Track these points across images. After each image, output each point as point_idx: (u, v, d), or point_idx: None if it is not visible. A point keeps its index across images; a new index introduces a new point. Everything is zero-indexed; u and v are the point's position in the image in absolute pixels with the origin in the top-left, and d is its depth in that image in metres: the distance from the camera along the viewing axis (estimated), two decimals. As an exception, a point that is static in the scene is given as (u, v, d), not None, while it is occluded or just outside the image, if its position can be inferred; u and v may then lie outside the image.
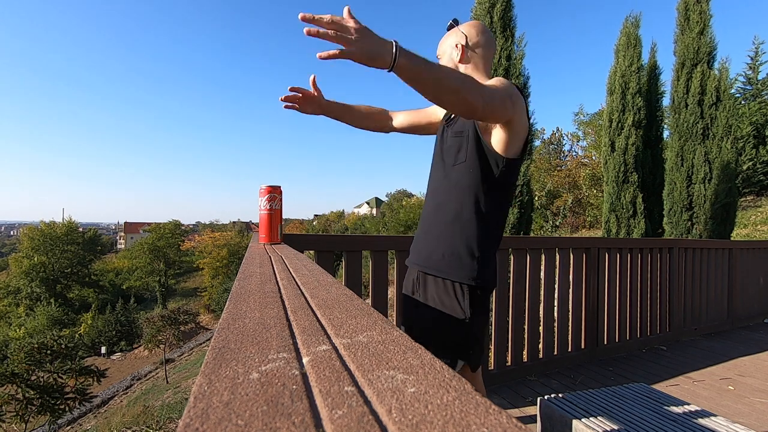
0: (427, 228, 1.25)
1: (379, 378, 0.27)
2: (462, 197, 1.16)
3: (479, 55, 1.26)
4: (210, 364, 0.30)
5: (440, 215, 1.21)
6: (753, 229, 10.10)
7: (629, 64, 5.59)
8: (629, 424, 1.43)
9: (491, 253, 1.19)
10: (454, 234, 1.17)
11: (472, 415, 0.22)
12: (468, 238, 1.15)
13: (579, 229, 14.10)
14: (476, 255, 1.15)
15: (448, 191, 1.20)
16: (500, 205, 1.20)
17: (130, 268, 36.76)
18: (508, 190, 1.21)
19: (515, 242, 2.82)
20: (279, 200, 1.65)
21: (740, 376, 2.84)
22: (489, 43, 1.27)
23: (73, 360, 8.82)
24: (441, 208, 1.21)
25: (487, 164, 1.14)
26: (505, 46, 4.32)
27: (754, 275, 4.61)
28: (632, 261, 3.38)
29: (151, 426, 4.71)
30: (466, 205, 1.16)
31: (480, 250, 1.16)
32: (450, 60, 1.26)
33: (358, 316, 0.45)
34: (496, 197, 1.18)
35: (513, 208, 4.11)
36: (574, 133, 19.03)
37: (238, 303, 0.51)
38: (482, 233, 1.16)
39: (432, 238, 1.23)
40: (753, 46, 15.30)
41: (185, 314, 16.20)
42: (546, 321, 2.83)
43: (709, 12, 5.45)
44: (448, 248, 1.18)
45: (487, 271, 1.17)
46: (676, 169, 5.49)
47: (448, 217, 1.18)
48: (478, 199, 1.15)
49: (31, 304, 30.55)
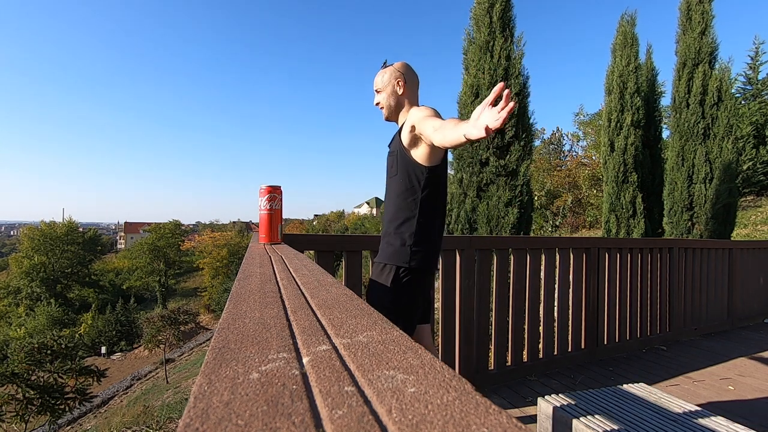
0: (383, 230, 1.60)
1: (379, 378, 0.27)
2: (398, 201, 1.50)
3: (411, 89, 1.61)
4: (210, 364, 0.30)
5: (386, 218, 1.57)
6: (753, 229, 10.10)
7: (627, 63, 5.58)
8: (629, 424, 1.43)
9: (424, 243, 1.50)
10: (394, 231, 1.51)
11: (472, 415, 0.22)
12: (402, 233, 1.49)
13: (579, 229, 14.10)
14: (407, 244, 1.48)
15: (389, 199, 1.56)
16: (430, 202, 1.49)
17: (130, 268, 36.74)
18: (437, 189, 1.51)
19: (515, 242, 2.82)
20: (279, 200, 1.65)
21: (740, 376, 2.84)
22: (416, 78, 1.64)
23: (73, 360, 8.81)
24: (387, 212, 1.57)
25: (414, 174, 1.47)
26: (504, 46, 4.31)
27: (754, 275, 4.61)
28: (632, 261, 3.38)
29: (151, 426, 4.71)
30: (401, 208, 1.50)
31: (412, 240, 1.48)
32: (393, 92, 1.58)
33: (358, 316, 0.45)
34: (425, 197, 1.48)
35: (513, 208, 4.11)
36: (574, 133, 19.04)
37: (238, 303, 0.51)
38: (415, 228, 1.48)
39: (383, 237, 1.58)
40: (753, 46, 15.32)
41: (185, 314, 16.19)
42: (546, 321, 2.83)
43: (711, 12, 5.46)
44: (387, 242, 1.53)
45: (416, 257, 1.48)
46: (677, 169, 5.49)
47: (389, 218, 1.54)
48: (408, 202, 1.48)
49: (31, 304, 30.54)
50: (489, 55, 4.35)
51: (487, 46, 4.38)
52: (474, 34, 4.56)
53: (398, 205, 1.51)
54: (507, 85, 4.27)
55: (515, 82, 4.28)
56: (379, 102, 1.60)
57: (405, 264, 1.48)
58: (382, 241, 1.58)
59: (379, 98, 1.60)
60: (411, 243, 1.48)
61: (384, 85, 1.59)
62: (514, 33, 4.43)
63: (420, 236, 1.49)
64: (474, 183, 4.30)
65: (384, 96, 1.59)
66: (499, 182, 4.19)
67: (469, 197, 4.31)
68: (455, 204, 4.43)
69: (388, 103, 1.59)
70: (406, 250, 1.48)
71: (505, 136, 4.25)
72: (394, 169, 1.52)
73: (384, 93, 1.59)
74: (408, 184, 1.48)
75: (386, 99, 1.59)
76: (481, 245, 2.56)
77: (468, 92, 4.42)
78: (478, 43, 4.45)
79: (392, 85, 1.59)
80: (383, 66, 1.62)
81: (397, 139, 1.54)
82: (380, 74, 1.60)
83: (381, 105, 1.60)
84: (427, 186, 1.47)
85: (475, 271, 2.52)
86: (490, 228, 4.15)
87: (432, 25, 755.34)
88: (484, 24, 4.40)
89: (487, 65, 4.32)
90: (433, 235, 1.53)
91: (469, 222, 4.30)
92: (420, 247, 1.49)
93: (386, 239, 1.54)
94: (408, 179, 1.48)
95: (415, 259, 1.48)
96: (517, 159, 4.21)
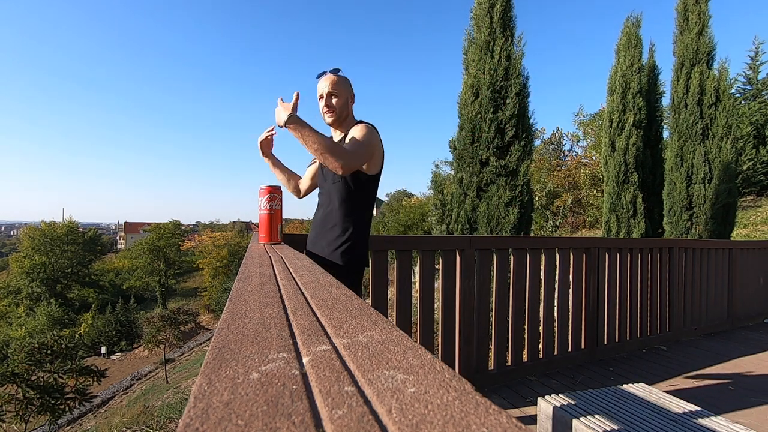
0: (317, 230, 1.71)
1: (379, 378, 0.27)
2: (337, 203, 1.62)
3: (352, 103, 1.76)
4: (210, 364, 0.30)
5: (323, 218, 1.68)
6: (753, 229, 10.10)
7: (630, 64, 5.58)
8: (629, 424, 1.43)
9: (359, 240, 1.62)
10: (332, 230, 1.62)
11: (472, 415, 0.22)
12: (340, 232, 1.61)
13: (579, 229, 14.10)
14: (345, 242, 1.60)
15: (330, 201, 1.65)
16: (366, 202, 1.66)
17: (130, 268, 36.74)
18: (372, 192, 1.68)
19: (515, 242, 2.82)
20: (279, 200, 1.65)
21: (740, 376, 2.84)
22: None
23: (73, 360, 8.81)
24: (321, 212, 1.69)
25: (355, 180, 1.61)
26: (504, 46, 4.31)
27: (754, 275, 4.61)
28: (632, 261, 3.38)
29: (151, 426, 4.71)
30: (339, 208, 1.61)
31: (350, 238, 1.60)
32: (347, 103, 1.68)
33: (358, 316, 0.45)
34: (362, 198, 1.64)
35: (513, 208, 4.11)
36: (574, 133, 19.02)
37: (238, 303, 0.51)
38: (353, 226, 1.61)
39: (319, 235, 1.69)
40: (753, 46, 15.31)
41: (185, 314, 16.19)
42: (546, 321, 2.82)
43: (708, 12, 5.46)
44: (327, 241, 1.63)
45: (354, 253, 1.61)
46: (676, 169, 5.49)
47: (328, 218, 1.65)
48: (348, 204, 1.61)
49: (31, 304, 30.53)
50: (489, 55, 4.35)
51: (487, 47, 4.38)
52: (474, 34, 4.56)
53: (334, 206, 1.64)
54: (507, 85, 4.27)
55: (515, 82, 4.28)
56: (332, 106, 1.64)
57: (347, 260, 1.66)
58: (318, 239, 1.68)
59: (334, 102, 1.64)
60: (350, 241, 1.65)
61: (340, 92, 1.65)
62: (515, 33, 4.43)
63: (361, 233, 1.66)
64: (474, 183, 4.30)
65: (340, 102, 1.65)
66: (499, 182, 4.19)
67: (469, 197, 4.31)
68: (455, 204, 4.43)
69: (341, 110, 1.66)
70: (346, 248, 1.66)
71: (506, 136, 4.25)
72: (338, 176, 1.59)
73: (340, 99, 1.65)
74: (350, 189, 1.62)
75: (341, 106, 1.66)
76: (481, 245, 2.56)
77: (468, 92, 4.42)
78: (479, 43, 4.45)
79: (348, 96, 1.69)
80: (335, 73, 1.67)
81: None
82: (336, 80, 1.65)
83: (333, 109, 1.64)
84: (367, 188, 1.66)
85: (475, 271, 2.52)
86: (490, 228, 4.15)
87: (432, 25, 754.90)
88: (485, 24, 4.40)
89: (487, 65, 4.32)
90: (367, 230, 1.75)
91: (469, 222, 4.30)
92: (360, 245, 1.67)
93: (326, 239, 1.65)
94: (352, 184, 1.62)
95: (356, 257, 1.67)
96: (517, 159, 4.21)
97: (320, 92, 1.66)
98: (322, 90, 1.65)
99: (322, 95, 1.65)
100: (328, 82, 1.64)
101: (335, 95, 1.64)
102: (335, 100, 1.64)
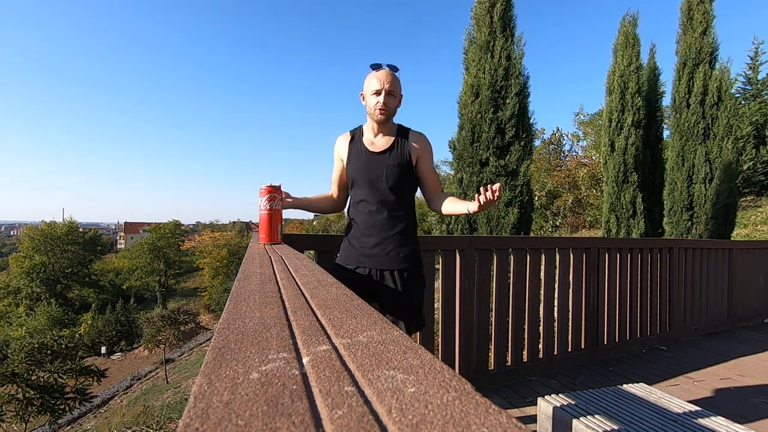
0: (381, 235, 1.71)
1: (379, 378, 0.27)
2: (400, 204, 1.64)
3: None
4: (210, 364, 0.30)
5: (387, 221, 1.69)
6: (753, 229, 10.10)
7: (628, 63, 5.58)
8: (629, 424, 1.43)
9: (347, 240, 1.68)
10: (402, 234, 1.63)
11: (472, 415, 0.22)
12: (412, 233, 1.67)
13: (579, 229, 14.10)
14: (415, 240, 1.66)
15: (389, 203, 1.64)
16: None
17: (130, 268, 36.75)
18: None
19: (515, 242, 2.82)
20: (279, 200, 1.65)
21: (740, 376, 2.84)
22: None
23: (73, 360, 8.82)
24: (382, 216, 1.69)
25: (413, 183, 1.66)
26: (504, 46, 4.31)
27: (754, 275, 4.61)
28: (632, 261, 3.38)
29: (151, 426, 4.71)
30: (402, 209, 1.63)
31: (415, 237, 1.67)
32: (399, 103, 1.60)
33: (358, 316, 0.45)
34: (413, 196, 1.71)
35: (513, 208, 4.11)
36: (574, 133, 19.03)
37: (238, 303, 0.51)
38: (414, 224, 1.68)
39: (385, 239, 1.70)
40: (753, 46, 15.32)
41: (185, 314, 16.21)
42: (546, 321, 2.82)
43: (712, 12, 5.45)
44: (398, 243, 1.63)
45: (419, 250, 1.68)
46: (677, 169, 5.49)
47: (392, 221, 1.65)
48: (410, 203, 1.68)
49: (31, 304, 30.55)
50: (489, 55, 4.35)
51: (487, 46, 4.38)
52: (474, 33, 4.56)
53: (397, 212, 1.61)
54: (507, 85, 4.27)
55: (515, 82, 4.28)
56: (390, 105, 1.51)
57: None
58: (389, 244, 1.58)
59: (392, 102, 1.53)
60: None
61: (397, 93, 1.55)
62: (515, 33, 4.43)
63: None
64: (474, 183, 4.30)
65: (395, 103, 1.55)
66: (499, 182, 4.19)
67: (469, 197, 4.31)
68: (455, 204, 4.42)
69: (392, 113, 1.56)
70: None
71: (505, 136, 4.25)
72: (393, 179, 1.56)
73: (396, 100, 1.56)
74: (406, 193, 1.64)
75: (394, 107, 1.56)
76: (481, 245, 2.56)
77: (468, 92, 4.42)
78: (479, 42, 4.45)
79: (401, 97, 1.60)
80: (395, 71, 1.55)
81: (406, 155, 1.58)
82: (397, 80, 1.54)
83: (389, 108, 1.52)
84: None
85: (475, 271, 2.52)
86: (490, 228, 4.15)
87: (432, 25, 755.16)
88: (485, 24, 4.40)
89: (487, 65, 4.32)
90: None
91: (469, 222, 4.30)
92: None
93: (399, 241, 1.59)
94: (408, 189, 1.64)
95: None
96: (517, 159, 4.21)
97: (379, 86, 1.49)
98: (383, 85, 1.49)
99: (380, 91, 1.49)
100: (392, 78, 1.50)
101: (394, 95, 1.53)
102: (392, 100, 1.53)
